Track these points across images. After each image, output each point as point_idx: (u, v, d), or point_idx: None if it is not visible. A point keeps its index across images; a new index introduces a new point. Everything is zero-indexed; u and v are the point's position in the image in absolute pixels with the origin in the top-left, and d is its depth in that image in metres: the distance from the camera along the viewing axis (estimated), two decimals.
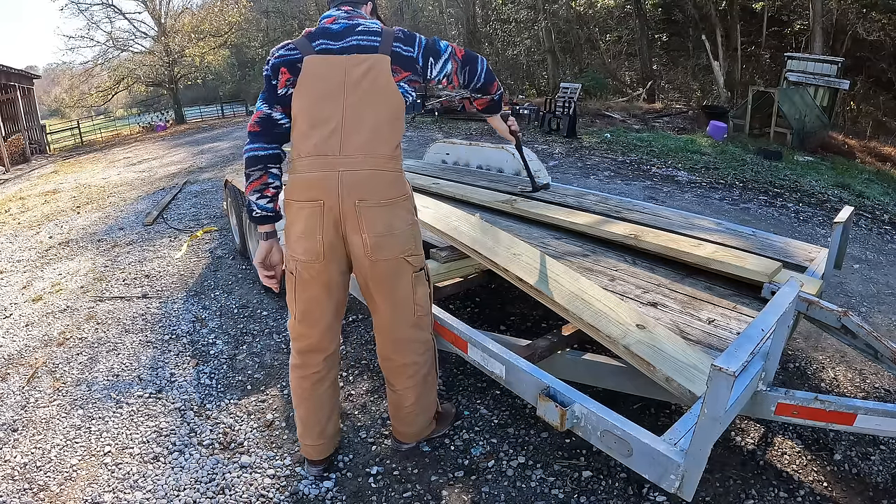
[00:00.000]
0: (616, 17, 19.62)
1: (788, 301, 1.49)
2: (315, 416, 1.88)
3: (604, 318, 1.79)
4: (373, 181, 1.55)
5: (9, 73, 15.21)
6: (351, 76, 1.55)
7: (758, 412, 1.67)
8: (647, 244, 2.48)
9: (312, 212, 1.56)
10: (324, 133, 1.54)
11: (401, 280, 1.68)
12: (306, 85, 1.56)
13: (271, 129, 1.63)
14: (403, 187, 1.65)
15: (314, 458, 1.97)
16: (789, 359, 2.73)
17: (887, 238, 5.03)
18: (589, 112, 13.09)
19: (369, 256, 1.59)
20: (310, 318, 1.71)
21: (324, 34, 1.60)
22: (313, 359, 1.78)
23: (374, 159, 1.55)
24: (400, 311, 1.73)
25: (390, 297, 1.70)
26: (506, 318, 3.09)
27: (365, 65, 1.55)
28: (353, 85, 1.55)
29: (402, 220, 1.63)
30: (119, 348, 3.04)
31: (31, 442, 2.26)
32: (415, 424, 2.01)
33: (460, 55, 1.79)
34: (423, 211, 2.70)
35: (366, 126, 1.55)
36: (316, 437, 1.92)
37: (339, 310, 1.77)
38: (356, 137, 1.54)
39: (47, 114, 34.29)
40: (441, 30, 25.59)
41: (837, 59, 11.61)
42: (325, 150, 1.54)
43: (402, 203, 1.63)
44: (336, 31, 1.60)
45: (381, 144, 1.57)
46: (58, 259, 4.81)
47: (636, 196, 5.97)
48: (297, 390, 1.85)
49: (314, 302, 1.69)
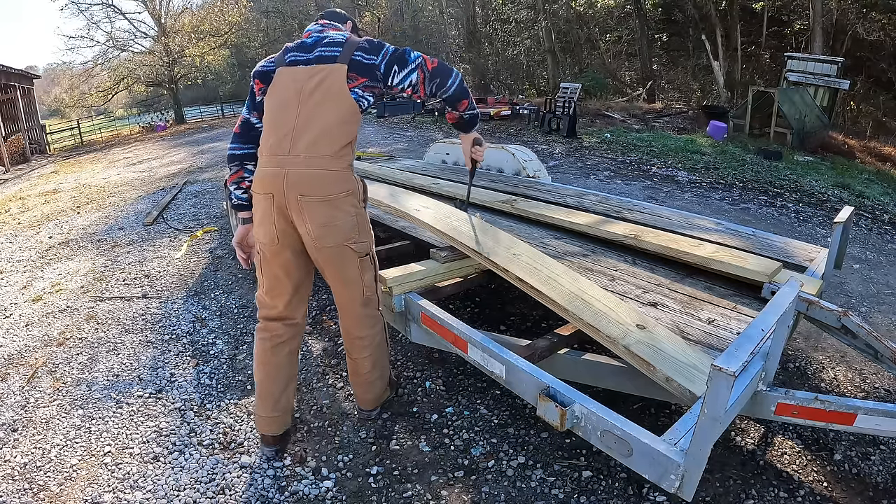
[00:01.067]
0: (616, 17, 19.63)
1: (788, 301, 1.49)
2: (272, 383, 2.00)
3: (604, 318, 1.78)
4: (314, 179, 1.75)
5: (9, 73, 15.21)
6: (307, 85, 1.77)
7: (758, 412, 1.67)
8: (647, 244, 2.48)
9: (267, 203, 1.80)
10: (279, 136, 1.78)
11: (347, 264, 1.89)
12: (272, 94, 1.83)
13: (248, 131, 1.93)
14: (347, 184, 1.82)
15: (268, 433, 2.07)
16: (789, 359, 2.73)
17: (887, 238, 5.03)
18: (589, 112, 13.09)
19: (315, 243, 1.81)
20: (274, 291, 1.93)
21: (298, 47, 1.85)
22: (274, 325, 1.98)
23: (318, 159, 1.75)
24: (350, 290, 1.95)
25: (340, 278, 1.92)
26: (506, 318, 3.09)
27: (321, 74, 1.77)
28: (307, 93, 1.77)
29: (344, 213, 1.82)
30: (119, 348, 3.04)
31: (31, 442, 2.26)
32: (373, 390, 2.21)
33: (430, 66, 1.85)
34: (422, 211, 2.70)
35: (314, 129, 1.75)
36: (270, 409, 2.02)
37: (301, 286, 1.97)
38: (304, 140, 1.75)
39: (47, 114, 34.29)
40: (441, 30, 25.60)
41: (837, 59, 11.62)
42: (278, 151, 1.77)
43: (344, 198, 1.81)
44: (308, 45, 1.84)
45: (326, 146, 1.76)
46: (58, 259, 4.81)
47: (636, 196, 5.97)
48: (258, 354, 2.01)
49: (276, 279, 1.91)
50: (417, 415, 2.35)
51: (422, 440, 2.19)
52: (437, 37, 25.90)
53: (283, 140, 1.76)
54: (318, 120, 1.75)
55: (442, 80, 1.86)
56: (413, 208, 2.78)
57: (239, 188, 1.97)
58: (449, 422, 2.29)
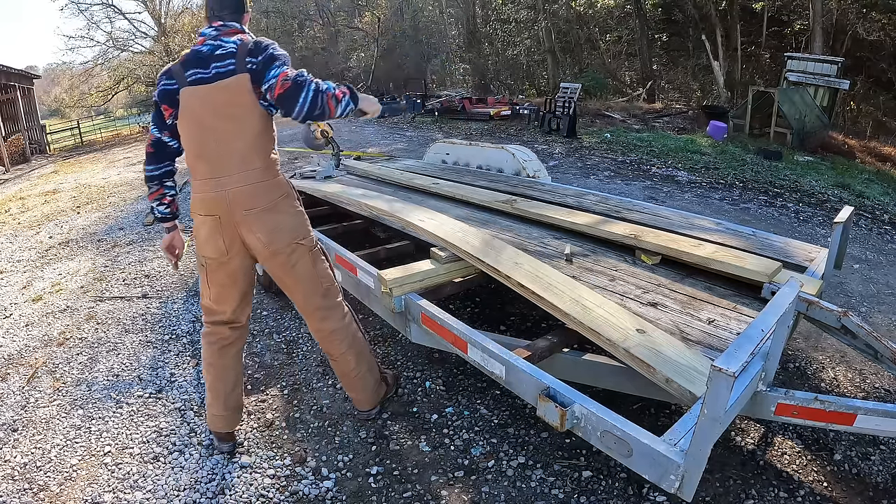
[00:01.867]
0: (616, 17, 19.61)
1: (788, 301, 1.49)
2: (221, 383, 2.09)
3: (604, 322, 1.79)
4: (254, 192, 1.83)
5: (9, 73, 15.21)
6: (217, 106, 1.78)
7: (758, 412, 1.67)
8: (647, 244, 2.48)
9: (213, 224, 1.86)
10: (209, 161, 1.82)
11: (300, 261, 1.96)
12: (186, 119, 1.83)
13: (163, 150, 1.95)
14: (281, 188, 1.91)
15: (220, 430, 2.15)
16: (789, 359, 2.73)
17: (887, 238, 5.03)
18: (589, 112, 13.08)
19: (267, 249, 1.88)
20: (221, 298, 2.01)
21: (196, 61, 1.79)
22: (221, 329, 2.06)
23: (251, 173, 1.82)
24: (309, 286, 2.01)
25: (296, 277, 1.98)
26: (506, 318, 3.09)
27: (226, 93, 1.77)
28: (221, 115, 1.78)
29: (287, 215, 1.92)
30: (119, 348, 3.04)
31: (31, 442, 2.26)
32: (367, 387, 2.23)
33: (278, 91, 1.70)
34: (426, 222, 2.70)
35: (239, 147, 1.80)
36: (221, 407, 2.11)
37: (247, 292, 2.06)
38: (233, 159, 1.80)
39: (47, 114, 34.22)
40: (441, 30, 25.59)
41: (837, 59, 11.61)
42: (212, 174, 1.82)
43: (283, 202, 1.90)
44: (204, 56, 1.79)
45: (254, 160, 1.82)
46: (58, 259, 4.81)
47: (636, 196, 5.97)
48: (206, 357, 2.09)
49: (223, 287, 1.99)
50: (417, 415, 2.35)
51: (422, 440, 2.19)
52: (437, 37, 25.87)
53: (214, 164, 1.81)
54: (240, 137, 1.79)
55: (288, 108, 1.71)
56: (418, 219, 2.77)
57: (161, 204, 2.02)
58: (449, 422, 2.29)
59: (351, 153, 6.46)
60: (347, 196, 3.39)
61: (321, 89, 1.71)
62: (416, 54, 25.11)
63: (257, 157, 1.83)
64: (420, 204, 3.31)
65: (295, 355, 2.90)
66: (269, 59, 1.75)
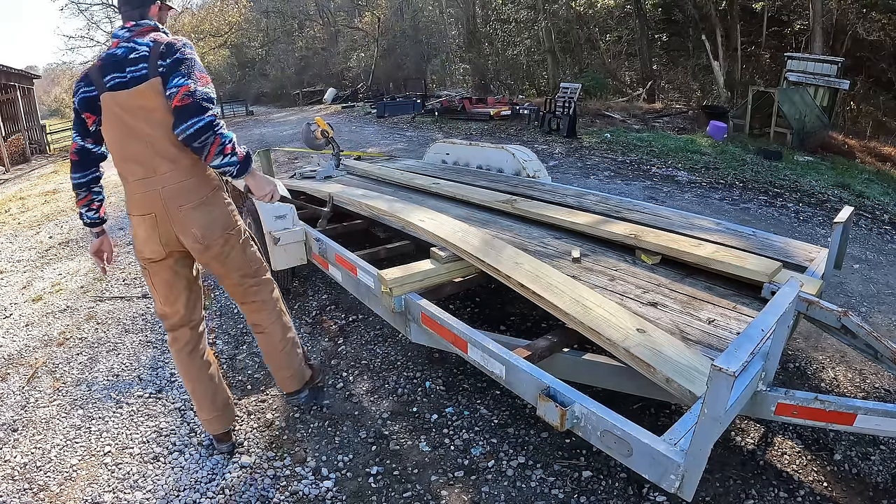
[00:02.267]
0: (616, 17, 19.61)
1: (788, 301, 1.49)
2: (202, 388, 2.10)
3: (604, 322, 1.79)
4: (187, 188, 1.87)
5: (9, 73, 15.19)
6: (138, 111, 1.78)
7: (758, 412, 1.67)
8: (647, 244, 2.48)
9: (150, 222, 1.89)
10: (139, 163, 1.83)
11: (233, 250, 2.02)
12: (109, 126, 1.83)
13: (87, 157, 1.95)
14: (210, 182, 1.93)
15: (216, 431, 2.16)
16: (789, 359, 2.73)
17: (887, 238, 5.03)
18: (589, 112, 13.08)
19: (201, 242, 1.92)
20: (170, 298, 2.03)
21: (113, 65, 1.78)
22: (182, 332, 2.08)
23: (179, 172, 1.84)
24: (242, 270, 2.08)
25: (230, 264, 2.04)
26: (506, 318, 3.09)
27: (144, 97, 1.77)
28: (144, 119, 1.79)
29: (218, 208, 1.95)
30: (119, 348, 3.04)
31: (31, 442, 2.26)
32: (293, 364, 2.25)
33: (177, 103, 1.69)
34: (427, 222, 2.70)
35: (167, 147, 1.81)
36: (209, 410, 2.11)
37: (193, 285, 2.09)
38: (164, 159, 1.82)
39: (47, 114, 34.24)
40: (441, 30, 25.58)
41: (837, 59, 11.60)
42: (144, 175, 1.84)
43: (213, 195, 1.94)
44: (119, 60, 1.78)
45: (182, 157, 1.83)
46: (58, 259, 4.81)
47: (636, 196, 5.97)
48: (179, 365, 2.12)
49: (168, 285, 2.02)
50: (417, 415, 2.35)
51: (422, 440, 2.19)
52: (437, 37, 25.87)
53: (146, 166, 1.82)
54: (167, 138, 1.79)
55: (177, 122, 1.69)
56: (418, 219, 2.77)
57: (90, 209, 2.03)
58: (449, 422, 2.29)
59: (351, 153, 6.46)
60: (348, 196, 3.39)
61: (217, 130, 1.69)
62: (416, 54, 25.11)
63: (181, 155, 1.83)
64: (420, 204, 3.31)
65: None
66: (175, 63, 1.73)
